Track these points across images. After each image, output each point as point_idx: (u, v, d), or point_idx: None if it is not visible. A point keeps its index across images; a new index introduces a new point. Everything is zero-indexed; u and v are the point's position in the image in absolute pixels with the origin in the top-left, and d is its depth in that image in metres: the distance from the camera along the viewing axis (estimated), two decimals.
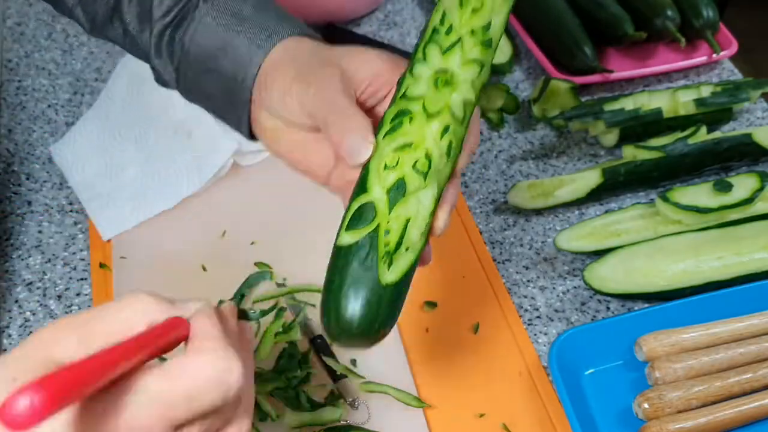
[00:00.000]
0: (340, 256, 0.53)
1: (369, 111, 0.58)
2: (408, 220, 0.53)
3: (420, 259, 0.55)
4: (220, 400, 0.44)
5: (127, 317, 0.45)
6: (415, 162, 0.54)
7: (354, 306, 0.52)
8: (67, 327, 0.44)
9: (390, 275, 0.53)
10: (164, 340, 0.45)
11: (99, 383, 0.40)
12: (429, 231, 0.55)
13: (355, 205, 0.53)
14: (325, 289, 0.53)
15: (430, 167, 0.54)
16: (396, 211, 0.53)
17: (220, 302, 0.52)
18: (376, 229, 0.53)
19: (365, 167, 0.54)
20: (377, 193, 0.54)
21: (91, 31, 0.70)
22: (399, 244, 0.53)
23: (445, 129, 0.55)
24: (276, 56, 0.60)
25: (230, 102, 0.63)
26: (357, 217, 0.53)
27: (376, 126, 0.55)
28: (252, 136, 0.64)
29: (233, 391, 0.45)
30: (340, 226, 0.54)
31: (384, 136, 0.55)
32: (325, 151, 0.58)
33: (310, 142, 0.59)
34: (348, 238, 0.53)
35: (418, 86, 0.55)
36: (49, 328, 0.44)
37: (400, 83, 0.56)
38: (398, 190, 0.53)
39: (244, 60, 0.61)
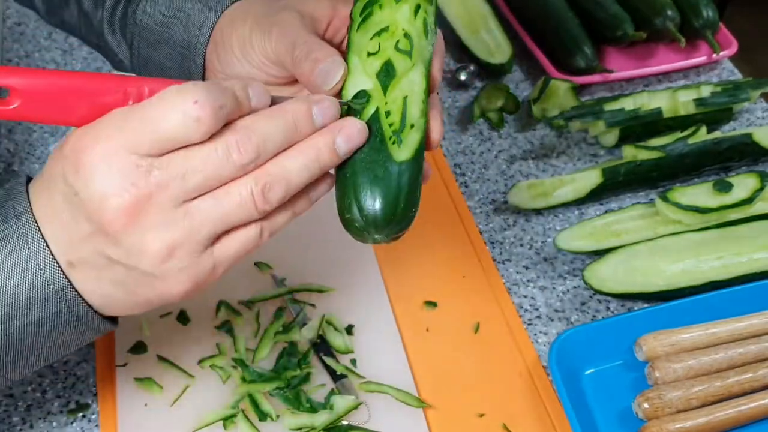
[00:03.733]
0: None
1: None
2: (405, 99, 0.53)
3: (426, 144, 0.54)
4: (178, 131, 0.45)
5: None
6: (397, 43, 0.54)
7: (374, 190, 0.51)
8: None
9: (403, 153, 0.51)
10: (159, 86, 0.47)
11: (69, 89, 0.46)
12: (427, 113, 0.54)
13: (350, 96, 0.53)
14: (340, 184, 0.52)
15: (412, 46, 0.54)
16: (391, 92, 0.53)
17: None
18: (377, 112, 0.52)
19: (348, 68, 0.54)
20: (366, 81, 0.53)
21: (46, 13, 0.71)
22: (403, 122, 0.52)
23: (417, 8, 0.55)
24: (229, 16, 0.61)
25: (184, 70, 0.63)
26: (354, 108, 0.53)
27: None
28: None
29: (190, 123, 0.45)
30: None
31: (357, 29, 0.55)
32: None
33: None
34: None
35: None
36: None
37: None
38: (388, 73, 0.53)
39: (196, 24, 0.61)
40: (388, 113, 0.52)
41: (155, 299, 0.50)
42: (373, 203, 0.50)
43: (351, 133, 0.50)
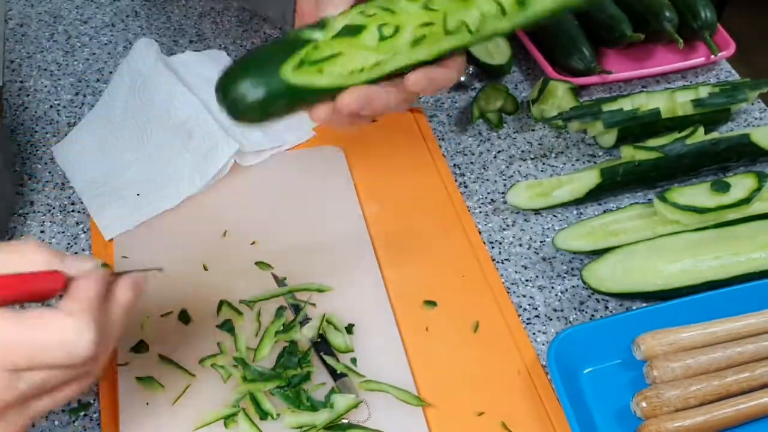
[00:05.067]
0: (273, 41, 0.58)
1: None
2: (338, 54, 0.57)
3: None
4: (63, 363, 0.46)
5: (10, 263, 0.46)
6: (382, 25, 0.57)
7: (243, 76, 0.56)
8: None
9: (291, 76, 0.56)
10: (29, 289, 0.45)
11: None
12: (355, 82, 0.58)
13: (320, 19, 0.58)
14: (240, 58, 0.58)
15: (390, 37, 0.57)
16: (336, 41, 0.57)
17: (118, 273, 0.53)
18: (308, 41, 0.57)
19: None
20: (338, 22, 0.58)
21: None
22: (315, 62, 0.56)
23: (425, 24, 0.58)
24: None
25: None
26: (312, 27, 0.58)
27: None
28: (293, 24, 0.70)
29: (78, 359, 0.46)
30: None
31: None
32: None
33: None
34: (291, 33, 0.58)
35: None
36: None
37: None
38: (351, 31, 0.57)
39: None
40: (316, 48, 0.57)
41: None
42: (241, 87, 0.56)
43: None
